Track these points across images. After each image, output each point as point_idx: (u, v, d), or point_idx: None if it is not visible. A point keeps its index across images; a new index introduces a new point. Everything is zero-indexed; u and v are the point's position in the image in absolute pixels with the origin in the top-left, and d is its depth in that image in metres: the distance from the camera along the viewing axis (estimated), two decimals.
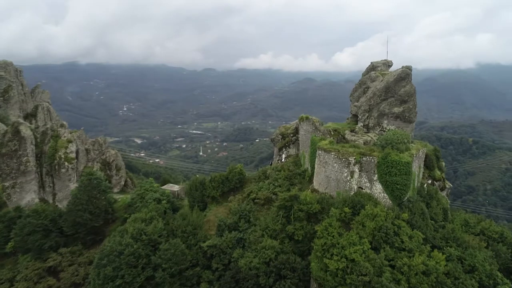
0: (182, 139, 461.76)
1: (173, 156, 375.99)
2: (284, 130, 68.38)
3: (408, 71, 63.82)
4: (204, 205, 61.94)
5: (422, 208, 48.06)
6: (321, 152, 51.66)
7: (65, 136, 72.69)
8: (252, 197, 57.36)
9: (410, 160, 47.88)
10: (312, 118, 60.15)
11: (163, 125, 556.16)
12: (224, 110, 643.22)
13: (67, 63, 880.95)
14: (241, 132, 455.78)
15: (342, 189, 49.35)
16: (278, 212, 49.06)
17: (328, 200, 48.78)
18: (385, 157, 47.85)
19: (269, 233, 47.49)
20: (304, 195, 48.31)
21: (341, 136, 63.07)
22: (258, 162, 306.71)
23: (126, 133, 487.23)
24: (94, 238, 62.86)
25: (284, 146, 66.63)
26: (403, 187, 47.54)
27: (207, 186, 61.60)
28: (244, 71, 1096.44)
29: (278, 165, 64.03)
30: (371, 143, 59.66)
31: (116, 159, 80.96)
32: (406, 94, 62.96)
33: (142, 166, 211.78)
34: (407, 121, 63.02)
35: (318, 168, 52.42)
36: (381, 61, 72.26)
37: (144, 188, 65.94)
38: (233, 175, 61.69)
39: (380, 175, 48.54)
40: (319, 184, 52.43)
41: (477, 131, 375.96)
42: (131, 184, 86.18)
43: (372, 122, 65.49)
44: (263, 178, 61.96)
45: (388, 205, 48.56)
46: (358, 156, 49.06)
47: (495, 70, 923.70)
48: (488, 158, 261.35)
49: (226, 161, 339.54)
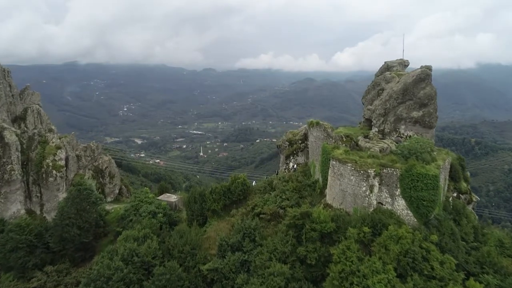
0: (183, 140, 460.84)
1: (173, 156, 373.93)
2: (291, 136, 62.65)
3: (428, 71, 58.09)
4: (204, 219, 56.28)
5: (452, 228, 42.37)
6: (335, 163, 45.96)
7: (53, 142, 67.03)
8: (257, 211, 51.65)
9: (438, 173, 42.24)
10: (323, 124, 54.47)
11: (163, 125, 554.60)
12: (224, 110, 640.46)
13: (67, 63, 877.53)
14: (242, 133, 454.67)
15: (360, 205, 43.66)
16: (287, 232, 43.36)
17: (344, 218, 43.08)
18: (409, 170, 42.18)
19: (277, 256, 41.77)
20: (317, 213, 42.61)
21: (354, 143, 57.36)
22: (259, 163, 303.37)
23: (126, 133, 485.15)
24: (83, 255, 57.26)
25: (292, 153, 60.95)
26: (430, 204, 41.85)
27: (207, 198, 55.89)
28: (244, 71, 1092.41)
29: (285, 174, 58.32)
30: (387, 151, 54.05)
31: (109, 165, 75.29)
32: (426, 97, 57.19)
33: (141, 168, 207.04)
34: (427, 126, 57.26)
35: (332, 181, 46.72)
36: (397, 61, 66.57)
37: (139, 199, 60.37)
38: (235, 186, 55.96)
39: (403, 189, 42.88)
40: (333, 199, 46.74)
41: (479, 131, 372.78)
42: (126, 192, 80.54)
43: (388, 127, 59.75)
44: (269, 189, 56.25)
45: (413, 223, 42.89)
46: (378, 168, 43.40)
47: (496, 70, 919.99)
48: (491, 159, 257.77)
49: (226, 161, 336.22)
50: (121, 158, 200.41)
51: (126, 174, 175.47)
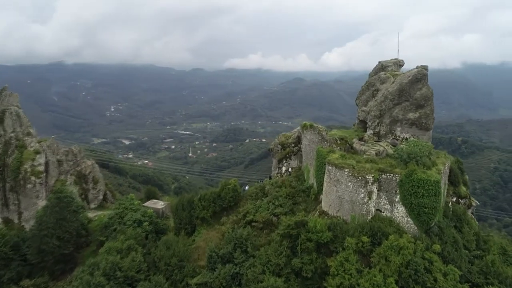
0: (171, 140, 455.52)
1: (162, 157, 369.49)
2: (284, 139, 60.01)
3: (424, 71, 56.14)
4: (192, 228, 53.32)
5: (454, 236, 40.41)
6: (331, 168, 43.52)
7: (31, 146, 63.24)
8: (248, 219, 48.92)
9: (439, 179, 40.14)
10: (317, 126, 52.05)
11: (152, 125, 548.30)
12: (213, 110, 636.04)
13: (53, 63, 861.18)
14: (231, 133, 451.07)
15: (358, 212, 41.31)
16: (281, 242, 40.74)
17: (342, 227, 40.67)
18: (409, 175, 40.01)
19: (271, 269, 39.12)
20: (313, 221, 40.10)
21: (349, 146, 55.13)
22: (248, 163, 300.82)
23: (113, 134, 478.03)
24: (63, 267, 53.70)
25: (285, 157, 58.32)
26: (432, 211, 39.73)
27: (196, 205, 52.90)
28: (234, 71, 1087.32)
29: (278, 180, 55.70)
30: (383, 154, 51.95)
31: (93, 170, 71.66)
32: (422, 98, 55.17)
33: (129, 169, 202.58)
34: (423, 128, 55.22)
35: (328, 187, 44.26)
36: (391, 60, 64.57)
37: (123, 207, 57.04)
38: (226, 192, 53.11)
39: (403, 196, 40.70)
40: (329, 206, 44.30)
41: (465, 130, 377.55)
42: (111, 197, 76.99)
43: (383, 129, 57.59)
44: (261, 195, 53.56)
45: (413, 231, 40.75)
46: (377, 174, 41.12)
47: (481, 70, 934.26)
48: (477, 158, 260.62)
49: (215, 162, 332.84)
50: (109, 159, 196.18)
51: (113, 175, 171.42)
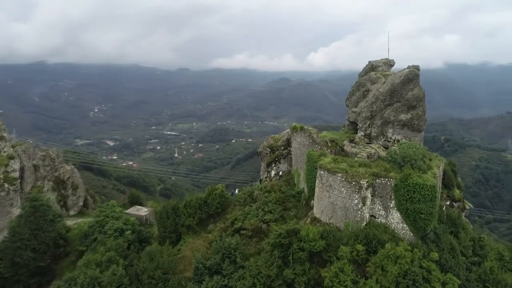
0: (156, 141, 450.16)
1: (147, 158, 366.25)
2: (273, 142, 57.85)
3: (416, 71, 54.89)
4: (178, 236, 50.64)
5: (451, 242, 38.88)
6: (323, 173, 41.56)
7: (5, 151, 59.48)
8: (237, 226, 46.59)
9: (436, 183, 38.64)
10: (308, 129, 50.04)
11: (136, 126, 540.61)
12: (199, 110, 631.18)
13: (35, 63, 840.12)
14: (217, 133, 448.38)
15: (352, 219, 39.42)
16: (272, 252, 38.49)
17: (335, 234, 38.71)
18: (405, 179, 38.34)
19: (261, 281, 36.85)
20: (305, 230, 38.01)
21: (340, 148, 53.38)
22: (235, 163, 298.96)
23: (97, 135, 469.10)
24: (39, 280, 50.31)
25: (274, 161, 56.22)
26: (428, 217, 38.19)
27: (181, 212, 50.26)
28: (220, 71, 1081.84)
29: (267, 184, 53.49)
30: (375, 156, 50.37)
31: (72, 175, 68.15)
32: (414, 99, 53.89)
33: (114, 171, 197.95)
34: (415, 130, 53.94)
35: (320, 193, 42.29)
36: (382, 60, 63.08)
37: (104, 214, 54.03)
38: (213, 198, 50.63)
39: (398, 201, 39.02)
40: (322, 212, 42.33)
41: (448, 129, 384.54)
42: (92, 203, 73.56)
43: (374, 131, 56.07)
44: (250, 201, 51.27)
45: (409, 238, 39.13)
46: (371, 178, 39.32)
47: (462, 69, 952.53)
48: (459, 156, 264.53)
49: (202, 162, 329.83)
50: (92, 161, 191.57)
51: (97, 178, 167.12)
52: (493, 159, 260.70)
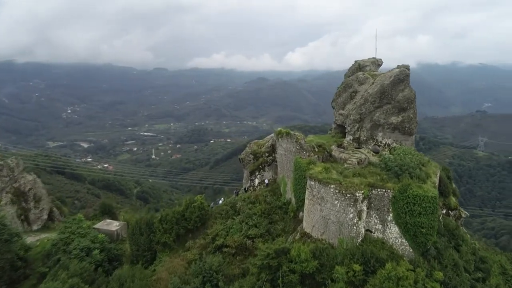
0: (133, 142, 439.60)
1: (123, 160, 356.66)
2: (256, 147, 53.48)
3: (406, 71, 51.93)
4: (152, 255, 45.63)
5: (454, 258, 35.68)
6: (314, 184, 37.61)
7: None
8: (218, 243, 42.09)
9: (437, 194, 35.35)
10: (295, 134, 45.97)
11: (112, 127, 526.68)
12: (176, 110, 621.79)
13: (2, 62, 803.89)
14: (195, 133, 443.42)
15: (347, 235, 35.65)
16: (259, 275, 34.23)
17: (329, 253, 34.85)
18: (404, 191, 34.91)
19: None
20: (296, 249, 33.96)
21: (327, 154, 49.70)
22: (214, 164, 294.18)
23: (70, 137, 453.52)
24: None
25: (257, 168, 51.88)
26: (430, 231, 34.88)
27: (156, 228, 45.23)
28: (197, 70, 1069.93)
29: (251, 194, 49.11)
30: (365, 162, 47.04)
31: (34, 186, 61.69)
32: (405, 100, 50.95)
33: (88, 174, 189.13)
34: (406, 133, 51.02)
35: (310, 206, 38.32)
36: (369, 60, 59.89)
37: (69, 231, 48.32)
38: (191, 211, 45.79)
39: (396, 214, 35.57)
40: (313, 227, 38.38)
41: (421, 127, 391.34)
42: (58, 215, 67.19)
43: (364, 134, 52.72)
44: (232, 213, 46.77)
45: (408, 254, 35.73)
46: (367, 190, 35.68)
47: (434, 69, 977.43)
48: (433, 153, 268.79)
49: (180, 163, 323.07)
50: (64, 164, 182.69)
51: (70, 182, 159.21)
52: (465, 156, 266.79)
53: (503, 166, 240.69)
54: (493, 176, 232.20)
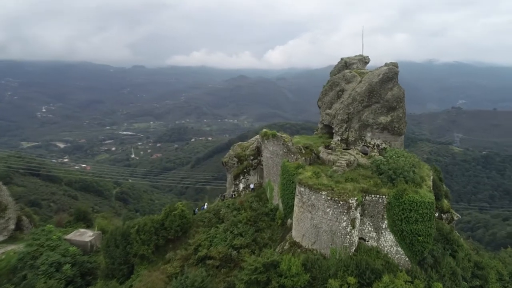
0: (111, 141, 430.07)
1: (101, 160, 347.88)
2: (240, 150, 50.51)
3: (395, 69, 50.17)
4: (129, 268, 42.16)
5: (452, 266, 33.85)
6: (304, 190, 35.05)
7: None
8: (201, 254, 39.06)
9: (434, 199, 33.37)
10: (282, 136, 43.35)
11: (89, 126, 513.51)
12: (156, 109, 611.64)
13: None
14: (175, 132, 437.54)
15: (340, 245, 33.25)
16: None
17: (321, 264, 32.40)
18: (399, 196, 32.79)
19: None
20: (287, 262, 31.37)
21: (315, 155, 47.39)
22: (195, 163, 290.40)
23: (46, 137, 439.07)
24: None
25: (242, 172, 48.96)
26: (427, 238, 32.89)
27: (133, 239, 41.72)
28: (176, 68, 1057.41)
29: (236, 200, 46.20)
30: (354, 164, 45.01)
31: None
32: (394, 99, 49.09)
33: (64, 174, 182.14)
34: (396, 133, 49.21)
35: (300, 213, 35.76)
36: (356, 57, 57.93)
37: (38, 243, 44.38)
38: (171, 220, 42.52)
39: (392, 221, 33.45)
40: (303, 236, 35.84)
41: None
42: (28, 223, 62.52)
43: (352, 135, 50.58)
44: (216, 221, 43.77)
45: (404, 263, 33.67)
46: (360, 196, 33.39)
47: (410, 67, 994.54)
48: (411, 149, 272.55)
49: (160, 163, 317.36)
50: (39, 165, 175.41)
51: (45, 184, 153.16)
52: (442, 152, 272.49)
53: (478, 161, 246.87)
54: (468, 171, 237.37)
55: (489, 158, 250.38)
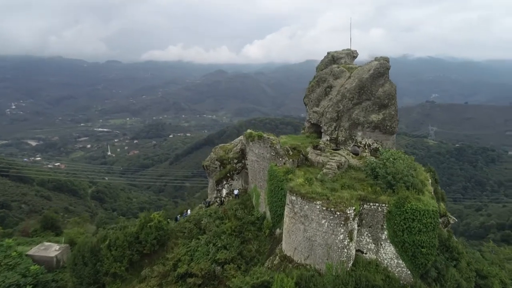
0: (86, 139, 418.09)
1: (76, 158, 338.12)
2: (223, 153, 46.39)
3: (387, 64, 47.25)
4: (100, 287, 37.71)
5: (457, 279, 31.11)
6: (296, 199, 31.49)
7: None
8: (181, 271, 34.98)
9: (437, 207, 30.51)
10: (269, 138, 39.61)
11: (63, 123, 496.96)
12: (132, 105, 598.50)
13: None
14: (153, 128, 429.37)
15: (336, 260, 29.92)
16: None
17: (316, 283, 28.98)
18: (400, 205, 29.73)
19: None
20: (279, 283, 27.79)
21: (303, 157, 44.12)
22: (174, 159, 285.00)
23: (16, 134, 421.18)
24: None
25: (225, 177, 44.94)
26: (430, 250, 30.06)
27: (103, 256, 37.21)
28: (153, 63, 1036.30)
29: (218, 209, 42.26)
30: (345, 166, 42.08)
31: None
32: (386, 96, 46.25)
33: (36, 174, 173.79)
34: (388, 132, 46.36)
35: (291, 225, 32.20)
36: (344, 51, 54.69)
37: None
38: (147, 232, 38.15)
39: (392, 232, 30.40)
40: (294, 250, 32.32)
41: None
42: None
43: (342, 134, 47.45)
44: (197, 232, 39.72)
45: (405, 277, 30.75)
46: (358, 205, 30.14)
47: None
48: None
49: (138, 160, 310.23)
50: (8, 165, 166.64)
51: (15, 185, 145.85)
52: (417, 145, 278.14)
53: (452, 154, 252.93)
54: (443, 163, 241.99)
55: (462, 151, 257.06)
